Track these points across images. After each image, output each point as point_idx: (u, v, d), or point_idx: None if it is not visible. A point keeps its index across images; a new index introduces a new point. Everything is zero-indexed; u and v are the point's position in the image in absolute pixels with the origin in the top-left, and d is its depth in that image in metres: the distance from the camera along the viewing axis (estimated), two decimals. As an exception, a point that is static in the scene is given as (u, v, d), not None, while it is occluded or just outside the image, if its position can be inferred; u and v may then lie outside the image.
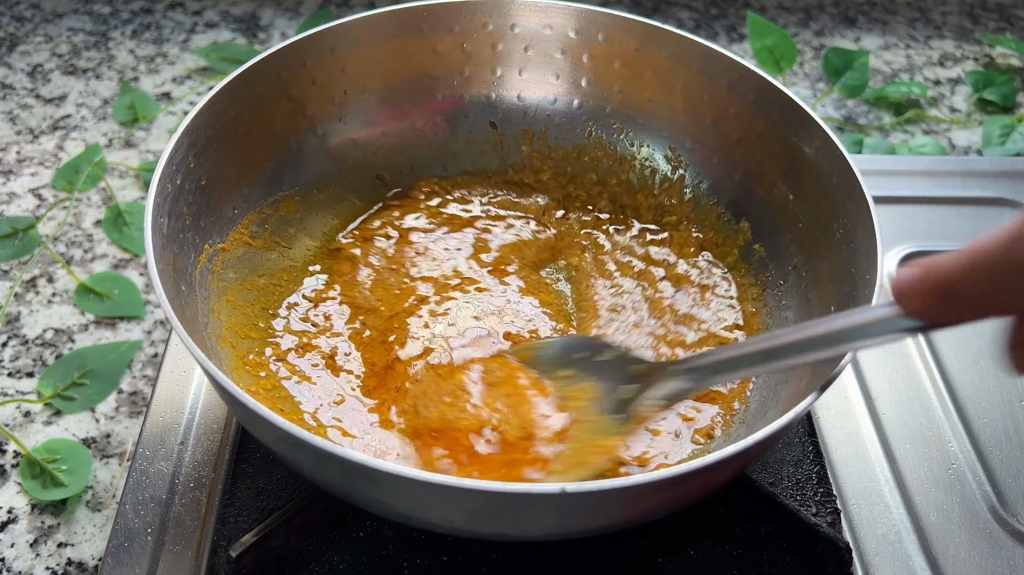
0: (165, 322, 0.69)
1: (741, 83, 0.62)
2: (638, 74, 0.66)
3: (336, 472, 0.43)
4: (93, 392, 0.64)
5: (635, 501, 0.43)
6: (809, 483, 0.55)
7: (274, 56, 0.60)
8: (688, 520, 0.53)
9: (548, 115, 0.69)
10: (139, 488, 0.54)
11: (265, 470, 0.54)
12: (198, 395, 0.59)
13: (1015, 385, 0.63)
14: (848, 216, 0.54)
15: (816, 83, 0.96)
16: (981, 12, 1.08)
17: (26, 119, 0.87)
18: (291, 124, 0.63)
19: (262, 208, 0.62)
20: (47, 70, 0.93)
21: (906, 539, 0.54)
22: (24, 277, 0.72)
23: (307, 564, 0.50)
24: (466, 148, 0.69)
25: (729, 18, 1.05)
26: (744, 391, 0.57)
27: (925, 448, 0.59)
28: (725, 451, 0.40)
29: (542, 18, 0.66)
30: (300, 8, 1.03)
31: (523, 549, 0.52)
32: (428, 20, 0.65)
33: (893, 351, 0.64)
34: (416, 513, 0.44)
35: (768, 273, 0.61)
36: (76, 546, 0.56)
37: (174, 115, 0.88)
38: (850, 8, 1.07)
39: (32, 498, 0.58)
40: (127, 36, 0.98)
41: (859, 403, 0.61)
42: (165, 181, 0.52)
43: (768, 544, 0.52)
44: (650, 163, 0.68)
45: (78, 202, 0.78)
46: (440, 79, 0.68)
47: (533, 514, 0.42)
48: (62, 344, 0.67)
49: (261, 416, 0.41)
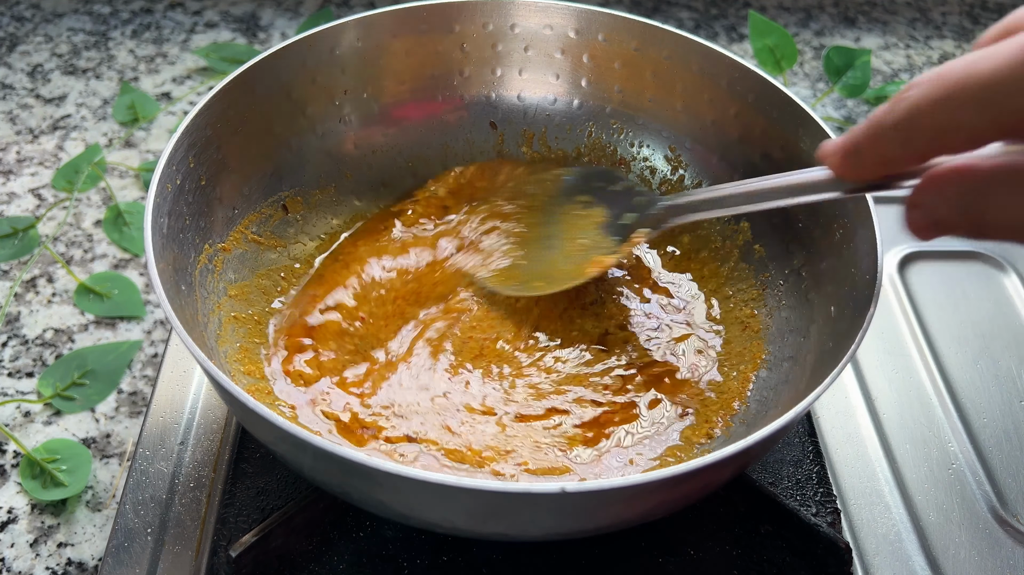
0: (165, 322, 0.69)
1: (741, 83, 0.62)
2: (638, 74, 0.66)
3: (336, 472, 0.43)
4: (93, 392, 0.64)
5: (635, 501, 0.43)
6: (809, 483, 0.55)
7: (274, 56, 0.60)
8: (688, 520, 0.53)
9: (548, 115, 0.69)
10: (139, 488, 0.54)
11: (265, 470, 0.54)
12: (198, 395, 0.59)
13: (1015, 385, 0.63)
14: (848, 216, 0.54)
15: (816, 83, 0.96)
16: (981, 12, 1.08)
17: (26, 119, 0.87)
18: (291, 124, 0.63)
19: (262, 208, 0.62)
20: (47, 70, 0.93)
21: (906, 539, 0.54)
22: (24, 277, 0.72)
23: (307, 564, 0.50)
24: (466, 148, 0.69)
25: (729, 18, 1.05)
26: (744, 391, 0.57)
27: (925, 448, 0.59)
28: (725, 451, 0.40)
29: (542, 18, 0.66)
30: (300, 8, 1.03)
31: (523, 549, 0.52)
32: (428, 20, 0.65)
33: (893, 351, 0.64)
34: (416, 513, 0.44)
35: (768, 273, 0.61)
36: (76, 546, 0.56)
37: (174, 115, 0.88)
38: (850, 8, 1.07)
39: (32, 498, 0.58)
40: (127, 36, 0.98)
41: (859, 403, 0.61)
42: (165, 181, 0.52)
43: (768, 544, 0.52)
44: (650, 163, 0.68)
45: (78, 202, 0.78)
46: (440, 79, 0.68)
47: (533, 514, 0.42)
48: (62, 344, 0.67)
49: (261, 416, 0.41)
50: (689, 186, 0.66)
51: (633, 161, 0.68)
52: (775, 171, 0.61)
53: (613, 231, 0.59)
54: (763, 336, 0.59)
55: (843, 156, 0.42)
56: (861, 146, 0.40)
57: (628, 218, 0.59)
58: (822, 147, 0.43)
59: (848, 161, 0.41)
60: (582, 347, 0.59)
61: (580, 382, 0.57)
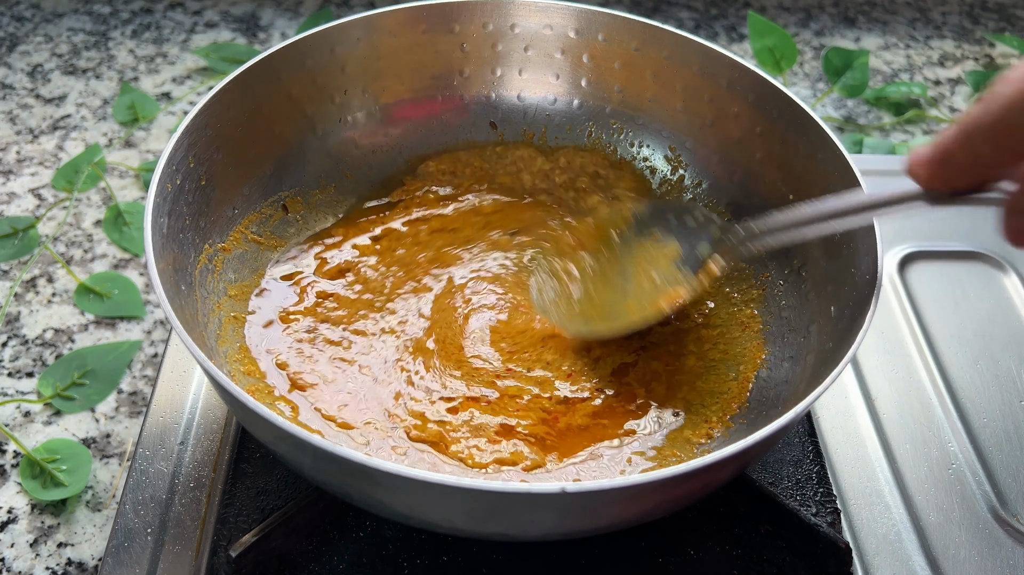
0: (165, 322, 0.69)
1: (741, 83, 0.62)
2: (638, 74, 0.66)
3: (336, 472, 0.43)
4: (93, 392, 0.64)
5: (635, 501, 0.43)
6: (809, 483, 0.55)
7: (274, 56, 0.60)
8: (688, 520, 0.53)
9: (548, 115, 0.69)
10: (139, 488, 0.54)
11: (265, 470, 0.54)
12: (198, 395, 0.59)
13: (1015, 385, 0.63)
14: (848, 216, 0.54)
15: (816, 83, 0.96)
16: (981, 12, 1.08)
17: (26, 119, 0.87)
18: (291, 124, 0.63)
19: (262, 208, 0.62)
20: (47, 70, 0.93)
21: (906, 539, 0.54)
22: (24, 277, 0.72)
23: (307, 564, 0.50)
24: (466, 148, 0.69)
25: (729, 18, 1.05)
26: (744, 391, 0.57)
27: (925, 448, 0.59)
28: (725, 451, 0.40)
29: (542, 18, 0.66)
30: (300, 8, 1.03)
31: (523, 549, 0.52)
32: (428, 20, 0.65)
33: (893, 351, 0.64)
34: (416, 513, 0.44)
35: (768, 273, 0.61)
36: (76, 546, 0.56)
37: (174, 115, 0.88)
38: (850, 8, 1.07)
39: (32, 498, 0.58)
40: (127, 36, 0.98)
41: (859, 403, 0.61)
42: (165, 181, 0.52)
43: (768, 544, 0.52)
44: (650, 163, 0.68)
45: (78, 202, 0.78)
46: (440, 79, 0.68)
47: (533, 514, 0.42)
48: (62, 344, 0.67)
49: (261, 416, 0.41)
50: (689, 186, 0.66)
51: (633, 161, 0.68)
52: (775, 171, 0.61)
53: (688, 263, 0.57)
54: (763, 336, 0.59)
55: (935, 167, 0.39)
56: (952, 153, 0.38)
57: (703, 249, 0.56)
58: (909, 161, 0.40)
59: (940, 171, 0.39)
60: (582, 346, 0.59)
61: (579, 379, 0.57)
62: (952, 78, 0.98)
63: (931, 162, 0.39)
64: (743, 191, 0.64)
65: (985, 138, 0.35)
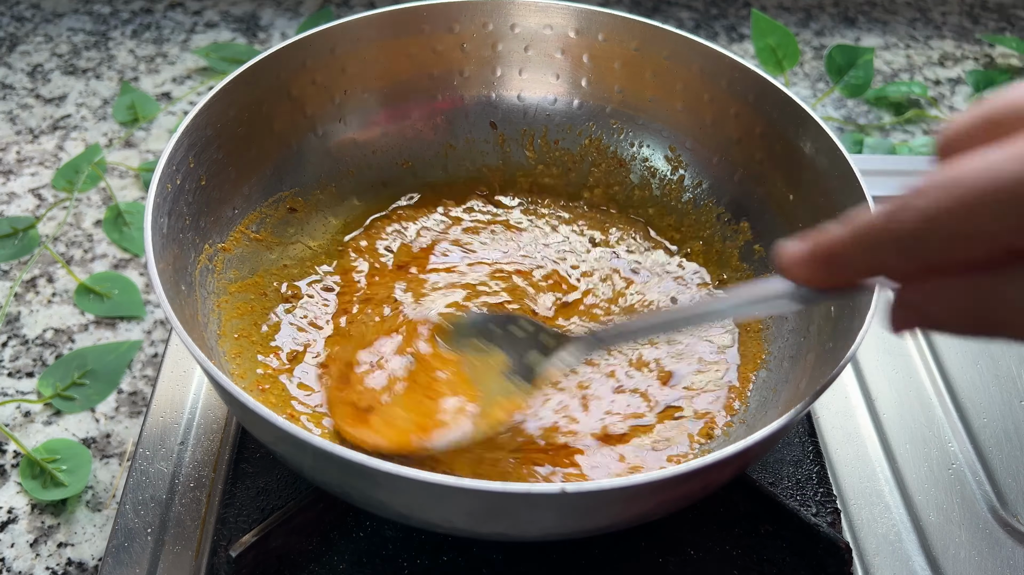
0: (165, 322, 0.69)
1: (741, 83, 0.62)
2: (638, 74, 0.66)
3: (336, 472, 0.43)
4: (93, 392, 0.64)
5: (635, 501, 0.43)
6: (809, 483, 0.55)
7: (274, 56, 0.60)
8: (688, 520, 0.53)
9: (548, 115, 0.69)
10: (139, 488, 0.54)
11: (265, 470, 0.54)
12: (198, 395, 0.59)
13: (1015, 385, 0.63)
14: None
15: (816, 83, 0.96)
16: (981, 12, 1.08)
17: (26, 119, 0.87)
18: (291, 124, 0.63)
19: (262, 208, 0.62)
20: (47, 70, 0.93)
21: (906, 539, 0.54)
22: (24, 277, 0.72)
23: (307, 564, 0.50)
24: (466, 148, 0.69)
25: (729, 18, 1.05)
26: (744, 391, 0.57)
27: (925, 448, 0.59)
28: (725, 451, 0.40)
29: (542, 18, 0.66)
30: (300, 8, 1.03)
31: (523, 549, 0.52)
32: (428, 20, 0.65)
33: (893, 351, 0.64)
34: (416, 513, 0.44)
35: (768, 273, 0.61)
36: (76, 546, 0.56)
37: (174, 115, 0.88)
38: (850, 8, 1.07)
39: (32, 498, 0.58)
40: (127, 36, 0.98)
41: (859, 403, 0.61)
42: (165, 181, 0.52)
43: (768, 544, 0.52)
44: (650, 163, 0.68)
45: (78, 202, 0.78)
46: (440, 79, 0.68)
47: (533, 514, 0.42)
48: (62, 344, 0.67)
49: (261, 416, 0.41)
50: (689, 186, 0.66)
51: (633, 161, 0.68)
52: (775, 171, 0.61)
53: (519, 373, 0.53)
54: (763, 336, 0.59)
55: (818, 266, 0.36)
56: (845, 256, 0.35)
57: (533, 359, 0.53)
58: (783, 257, 0.37)
59: (825, 270, 0.36)
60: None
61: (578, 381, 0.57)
62: (952, 78, 0.98)
63: (813, 261, 0.36)
64: (743, 191, 0.64)
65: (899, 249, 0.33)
